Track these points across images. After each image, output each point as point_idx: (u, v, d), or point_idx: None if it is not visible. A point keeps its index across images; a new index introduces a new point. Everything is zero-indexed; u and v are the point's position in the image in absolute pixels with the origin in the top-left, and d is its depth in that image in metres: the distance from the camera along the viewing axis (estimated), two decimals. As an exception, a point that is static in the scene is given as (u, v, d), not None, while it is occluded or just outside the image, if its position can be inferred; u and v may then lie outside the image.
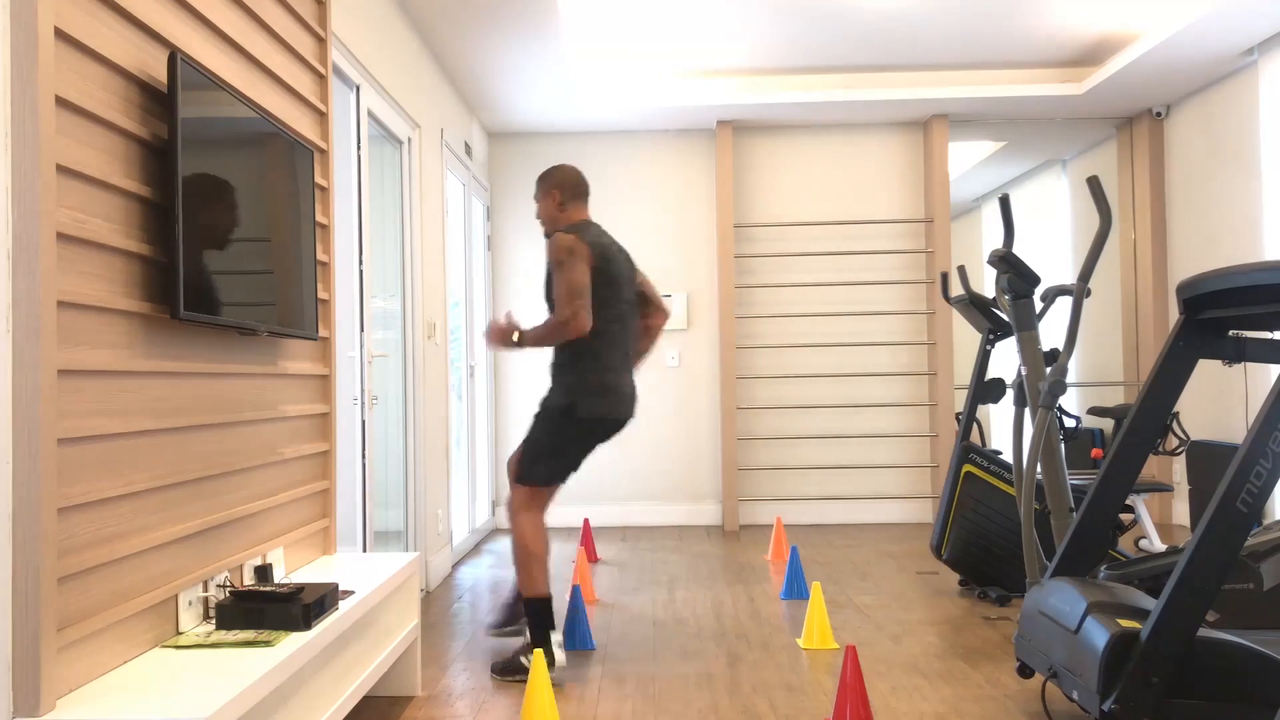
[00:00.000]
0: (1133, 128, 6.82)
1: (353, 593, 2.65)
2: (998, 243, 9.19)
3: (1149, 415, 2.78)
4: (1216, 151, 6.04)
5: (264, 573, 2.66)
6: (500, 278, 7.01)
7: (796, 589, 4.55)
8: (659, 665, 3.53)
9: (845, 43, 5.71)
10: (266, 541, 2.76)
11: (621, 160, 7.00)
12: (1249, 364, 4.39)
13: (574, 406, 3.54)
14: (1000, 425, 9.43)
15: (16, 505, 1.72)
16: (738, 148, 6.96)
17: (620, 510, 6.93)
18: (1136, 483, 4.36)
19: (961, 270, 4.70)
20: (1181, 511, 6.46)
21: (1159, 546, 4.53)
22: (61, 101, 1.85)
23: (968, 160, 8.13)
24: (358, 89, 4.05)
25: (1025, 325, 3.78)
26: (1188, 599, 2.33)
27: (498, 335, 3.59)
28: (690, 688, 3.26)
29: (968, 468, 4.50)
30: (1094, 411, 4.62)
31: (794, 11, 5.22)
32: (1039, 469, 3.75)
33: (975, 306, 4.51)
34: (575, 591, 3.83)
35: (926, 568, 5.22)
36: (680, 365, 6.96)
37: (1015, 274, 3.76)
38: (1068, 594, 2.66)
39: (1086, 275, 3.42)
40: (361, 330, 4.03)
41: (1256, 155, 5.66)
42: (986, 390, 4.59)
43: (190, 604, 2.30)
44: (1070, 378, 7.60)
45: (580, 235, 3.54)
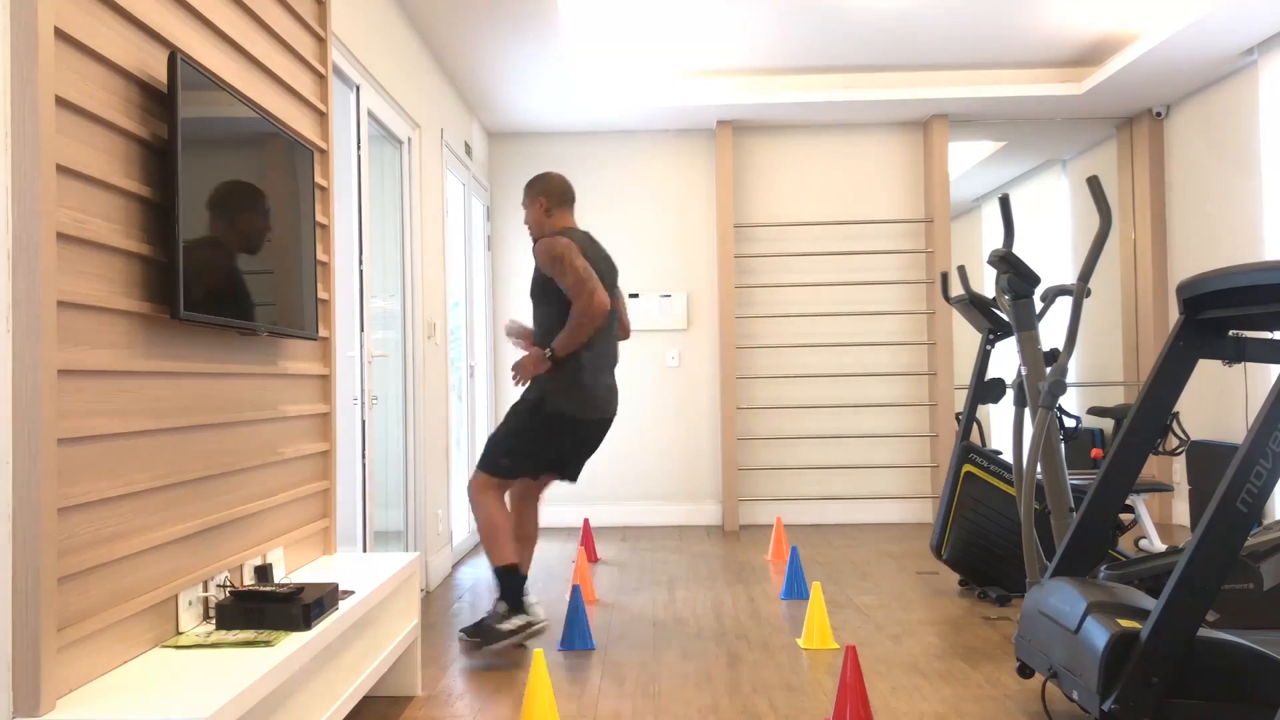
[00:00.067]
0: (1133, 128, 6.82)
1: (353, 593, 2.65)
2: (998, 243, 9.19)
3: (1149, 415, 2.78)
4: (1216, 151, 6.04)
5: (264, 573, 2.66)
6: (500, 278, 7.01)
7: (796, 589, 4.55)
8: (659, 665, 3.53)
9: (845, 43, 5.71)
10: (266, 541, 2.76)
11: (621, 160, 7.00)
12: (1249, 364, 4.39)
13: (543, 402, 3.70)
14: (1000, 425, 9.42)
15: (16, 505, 1.72)
16: (738, 148, 6.96)
17: (620, 510, 6.94)
18: (1136, 483, 4.36)
19: (961, 270, 4.70)
20: (1181, 511, 6.46)
21: (1159, 546, 4.53)
22: (61, 101, 1.86)
23: (968, 160, 8.13)
24: (358, 89, 4.06)
25: (1025, 325, 3.78)
26: (1188, 599, 2.33)
27: (531, 366, 3.72)
28: (690, 688, 3.27)
29: (968, 468, 4.50)
30: (1094, 411, 4.62)
31: (794, 11, 5.22)
32: (1039, 469, 3.75)
33: (975, 306, 4.51)
34: (575, 591, 3.83)
35: (926, 568, 5.22)
36: (680, 365, 6.96)
37: (1015, 274, 3.76)
38: (1068, 594, 2.66)
39: (1086, 275, 3.42)
40: (361, 330, 4.03)
41: (1256, 155, 5.66)
42: (986, 390, 4.59)
43: (190, 604, 2.30)
44: (1070, 378, 7.60)
45: (570, 236, 3.75)
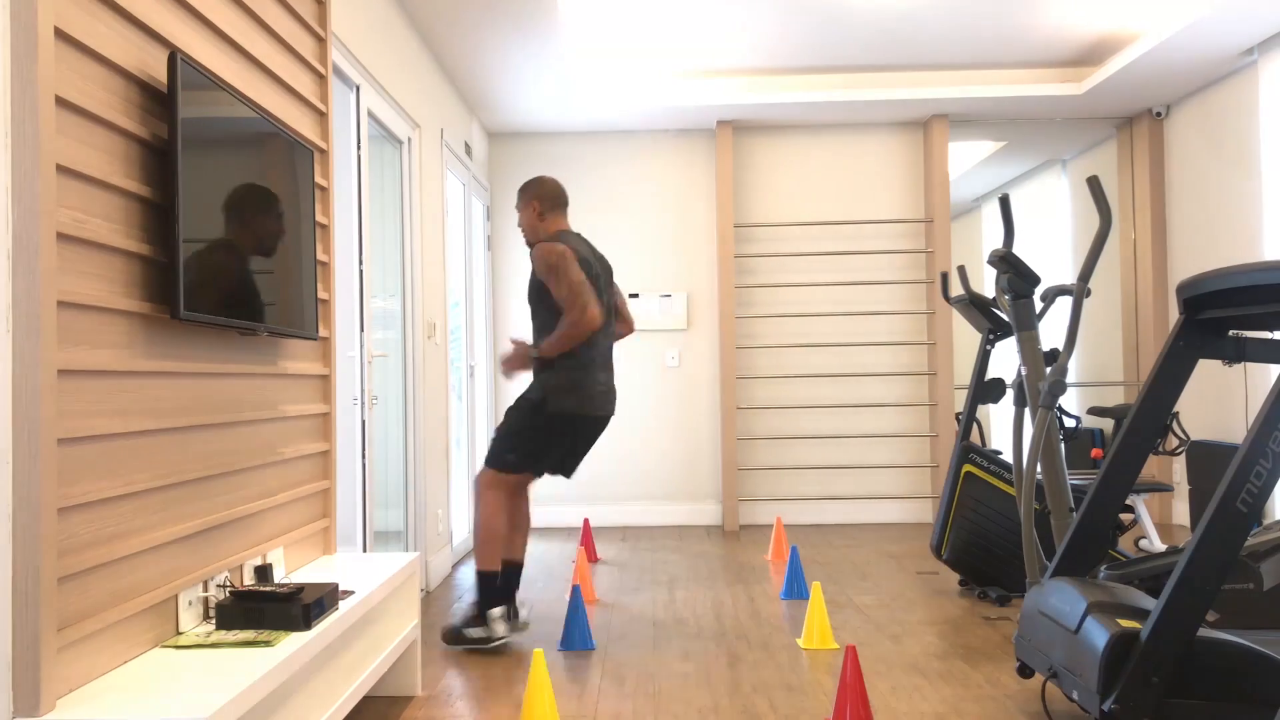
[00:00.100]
0: (1133, 128, 6.82)
1: (353, 593, 2.65)
2: (998, 243, 9.19)
3: (1149, 415, 2.78)
4: (1216, 151, 6.04)
5: (264, 573, 2.66)
6: (500, 278, 7.01)
7: (796, 589, 4.55)
8: (659, 665, 3.53)
9: (845, 43, 5.71)
10: (266, 541, 2.76)
11: (621, 160, 7.00)
12: (1249, 364, 4.39)
13: (545, 401, 3.76)
14: (1000, 425, 9.43)
15: (16, 505, 1.72)
16: (738, 148, 6.96)
17: (620, 510, 6.94)
18: (1136, 483, 4.36)
19: (961, 270, 4.70)
20: (1181, 511, 6.46)
21: (1159, 546, 4.53)
22: (61, 101, 1.86)
23: (968, 160, 8.13)
24: (358, 89, 4.06)
25: (1025, 325, 3.78)
26: (1188, 599, 2.33)
27: (516, 361, 3.79)
28: (690, 688, 3.26)
29: (968, 468, 4.50)
30: (1094, 411, 4.62)
31: (794, 11, 5.22)
32: (1039, 469, 3.75)
33: (975, 306, 4.51)
34: (575, 591, 3.83)
35: (926, 568, 5.22)
36: (680, 365, 6.96)
37: (1015, 274, 3.76)
38: (1068, 594, 2.66)
39: (1086, 275, 3.42)
40: (361, 330, 4.03)
41: (1256, 155, 5.66)
42: (986, 390, 4.59)
43: (190, 604, 2.30)
44: (1070, 378, 7.60)
45: (565, 241, 3.79)
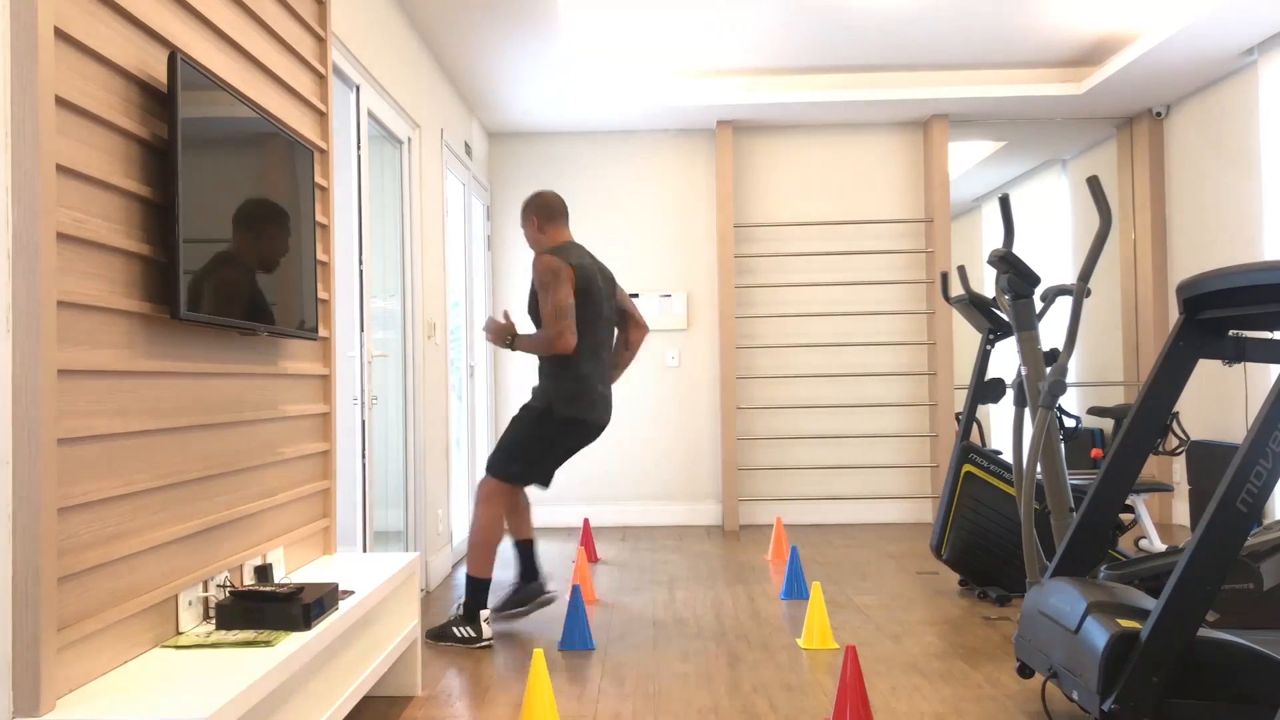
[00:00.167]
0: (1133, 128, 6.82)
1: (353, 593, 2.65)
2: (998, 243, 9.19)
3: (1149, 415, 2.78)
4: (1216, 151, 6.04)
5: (264, 573, 2.66)
6: (500, 277, 7.01)
7: (796, 589, 4.55)
8: (659, 665, 3.53)
9: (845, 43, 5.71)
10: (266, 541, 2.76)
11: (621, 160, 7.00)
12: (1249, 364, 4.39)
13: (551, 409, 3.88)
14: (1000, 425, 9.42)
15: (16, 505, 1.72)
16: (738, 148, 6.96)
17: (620, 510, 6.94)
18: (1136, 483, 4.36)
19: (961, 270, 4.70)
20: (1181, 511, 6.46)
21: (1159, 546, 4.53)
22: (61, 101, 1.86)
23: (968, 160, 8.13)
24: (358, 89, 4.06)
25: (1025, 325, 3.78)
26: (1188, 599, 2.33)
27: (496, 333, 3.94)
28: (690, 688, 3.26)
29: (968, 468, 4.50)
30: (1094, 411, 4.62)
31: (794, 11, 5.22)
32: (1039, 469, 3.75)
33: (975, 306, 4.51)
34: (575, 591, 3.83)
35: (926, 568, 5.22)
36: (680, 365, 6.96)
37: (1015, 274, 3.76)
38: (1068, 594, 2.66)
39: (1086, 275, 3.42)
40: (361, 330, 4.03)
41: (1256, 155, 5.66)
42: (986, 390, 4.58)
43: (190, 604, 2.30)
44: (1070, 378, 7.60)
45: (564, 258, 3.87)
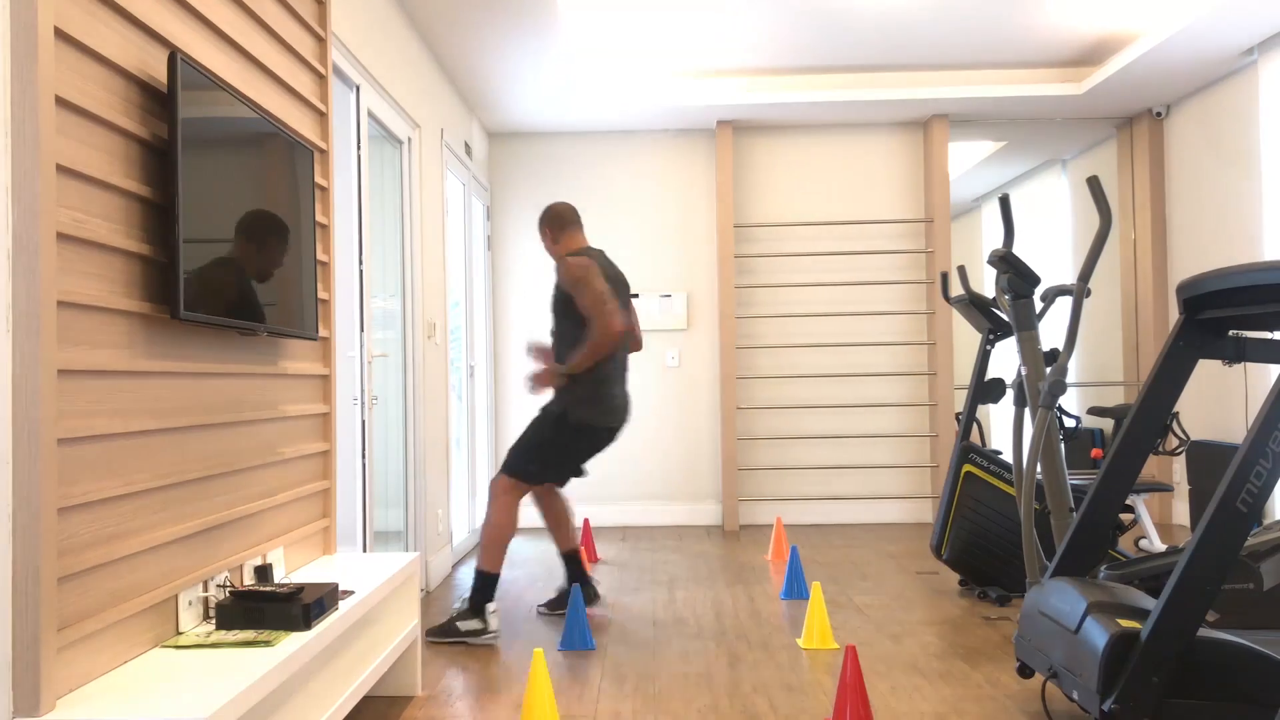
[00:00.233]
0: (1133, 128, 6.82)
1: (353, 593, 2.65)
2: (998, 243, 9.19)
3: (1149, 415, 2.78)
4: (1216, 151, 6.04)
5: (264, 573, 2.66)
6: (500, 277, 7.01)
7: (796, 589, 4.55)
8: (659, 665, 3.53)
9: (845, 43, 5.71)
10: (266, 541, 2.76)
11: (621, 160, 7.00)
12: (1249, 364, 4.39)
13: (568, 414, 3.94)
14: (1000, 425, 9.42)
15: (16, 505, 1.72)
16: (738, 148, 6.96)
17: (620, 510, 6.94)
18: (1136, 483, 4.36)
19: (961, 270, 4.70)
20: (1181, 511, 6.46)
21: (1159, 546, 4.53)
22: (61, 101, 1.86)
23: (968, 160, 8.13)
24: (358, 89, 4.05)
25: (1025, 325, 3.78)
26: (1188, 599, 2.33)
27: (546, 379, 3.96)
28: (690, 688, 3.26)
29: (968, 468, 4.50)
30: (1094, 411, 4.62)
31: (794, 11, 5.22)
32: (1039, 469, 3.75)
33: (975, 306, 4.51)
34: (575, 591, 3.83)
35: (926, 568, 5.22)
36: (680, 365, 6.96)
37: (1015, 274, 3.76)
38: (1068, 594, 2.66)
39: (1086, 275, 3.42)
40: (361, 330, 4.03)
41: (1256, 155, 5.66)
42: (986, 390, 4.58)
43: (190, 604, 2.30)
44: (1070, 378, 7.60)
45: (589, 256, 3.98)
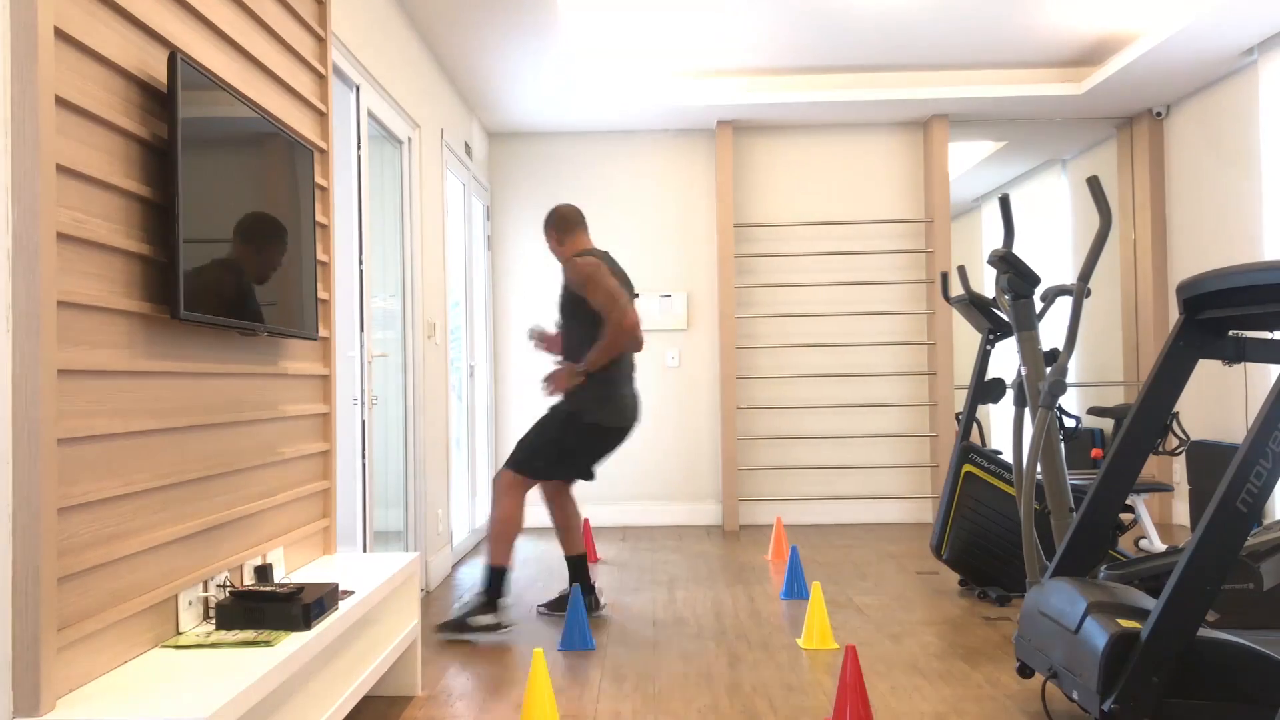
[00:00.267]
0: (1133, 128, 6.82)
1: (353, 593, 2.65)
2: (998, 243, 9.19)
3: (1149, 415, 2.78)
4: (1216, 151, 6.04)
5: (264, 573, 2.66)
6: (500, 277, 7.01)
7: (796, 589, 4.55)
8: (659, 665, 3.53)
9: (845, 43, 5.71)
10: (266, 541, 2.76)
11: (621, 160, 7.00)
12: (1249, 364, 4.39)
13: (579, 414, 3.96)
14: (1000, 425, 9.42)
15: (16, 505, 1.72)
16: (738, 148, 6.96)
17: (620, 510, 6.94)
18: (1136, 483, 4.36)
19: (961, 270, 4.70)
20: (1181, 511, 6.46)
21: (1159, 546, 4.53)
22: (61, 101, 1.86)
23: (968, 160, 8.13)
24: (358, 89, 4.05)
25: (1025, 325, 3.78)
26: (1188, 599, 2.33)
27: (563, 379, 3.99)
28: (690, 688, 3.26)
29: (968, 468, 4.50)
30: (1094, 411, 4.62)
31: (794, 11, 5.22)
32: (1039, 469, 3.75)
33: (975, 306, 4.51)
34: (575, 591, 3.83)
35: (926, 568, 5.22)
36: (680, 365, 6.96)
37: (1015, 274, 3.76)
38: (1068, 594, 2.66)
39: (1086, 275, 3.42)
40: (361, 330, 4.03)
41: (1256, 155, 5.66)
42: (986, 390, 4.58)
43: (190, 604, 2.30)
44: (1070, 378, 7.60)
45: (596, 256, 4.01)
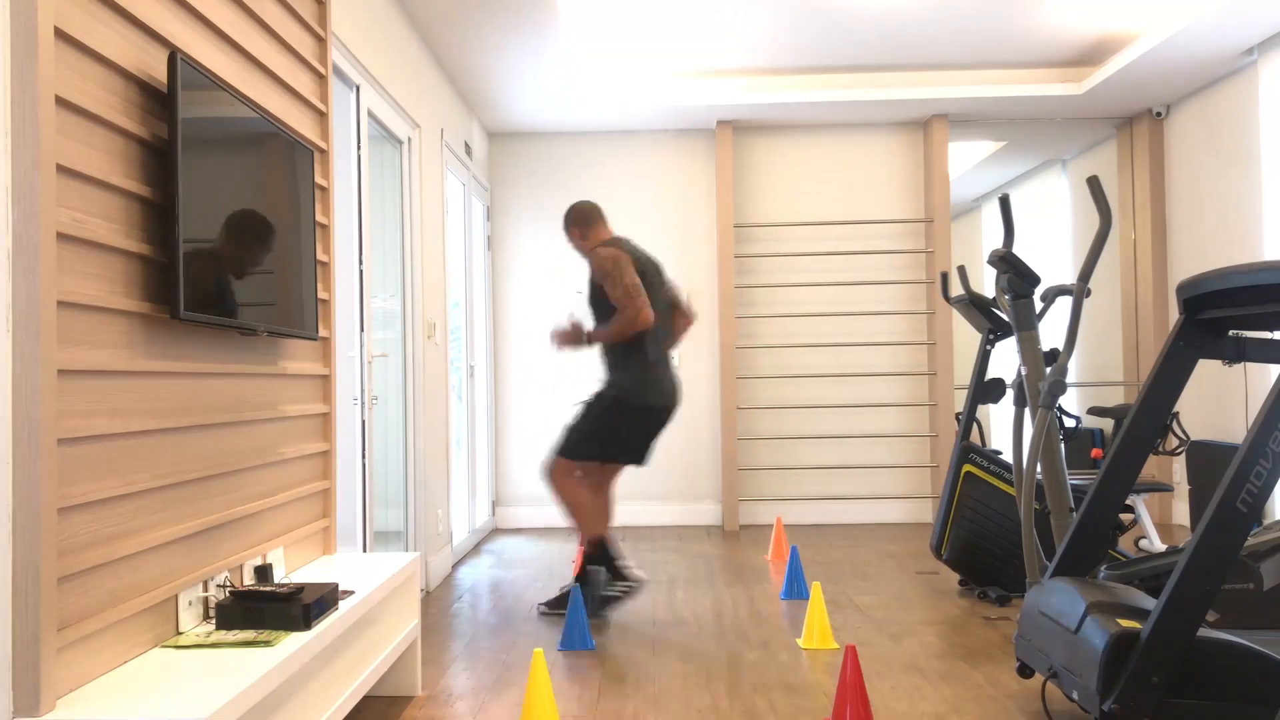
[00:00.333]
0: (1133, 128, 6.82)
1: (353, 593, 2.65)
2: (998, 243, 9.19)
3: (1149, 415, 2.78)
4: (1216, 151, 6.04)
5: (264, 573, 2.66)
6: (500, 277, 7.01)
7: (796, 589, 4.55)
8: (659, 665, 3.53)
9: (845, 43, 5.71)
10: (266, 541, 2.76)
11: (621, 160, 7.00)
12: (1249, 364, 4.39)
13: (624, 397, 4.05)
14: (1000, 425, 9.42)
15: (16, 505, 1.72)
16: (738, 148, 6.96)
17: (620, 510, 6.93)
18: (1136, 483, 4.36)
19: (961, 270, 4.70)
20: (1181, 511, 6.46)
21: (1159, 546, 4.53)
22: (61, 101, 1.86)
23: (968, 160, 8.13)
24: (358, 89, 4.05)
25: (1025, 325, 3.78)
26: (1188, 599, 2.33)
27: (568, 337, 4.08)
28: (690, 688, 3.26)
29: (968, 468, 4.50)
30: (1094, 411, 4.62)
31: (794, 11, 5.22)
32: (1039, 469, 3.75)
33: (975, 306, 4.51)
34: (575, 591, 3.83)
35: (926, 568, 5.22)
36: (680, 365, 6.96)
37: (1015, 274, 3.76)
38: (1068, 594, 2.66)
39: (1086, 275, 3.42)
40: (361, 330, 4.03)
41: (1256, 155, 5.66)
42: (986, 390, 4.59)
43: (190, 604, 2.30)
44: (1070, 378, 7.60)
45: (619, 246, 4.07)
